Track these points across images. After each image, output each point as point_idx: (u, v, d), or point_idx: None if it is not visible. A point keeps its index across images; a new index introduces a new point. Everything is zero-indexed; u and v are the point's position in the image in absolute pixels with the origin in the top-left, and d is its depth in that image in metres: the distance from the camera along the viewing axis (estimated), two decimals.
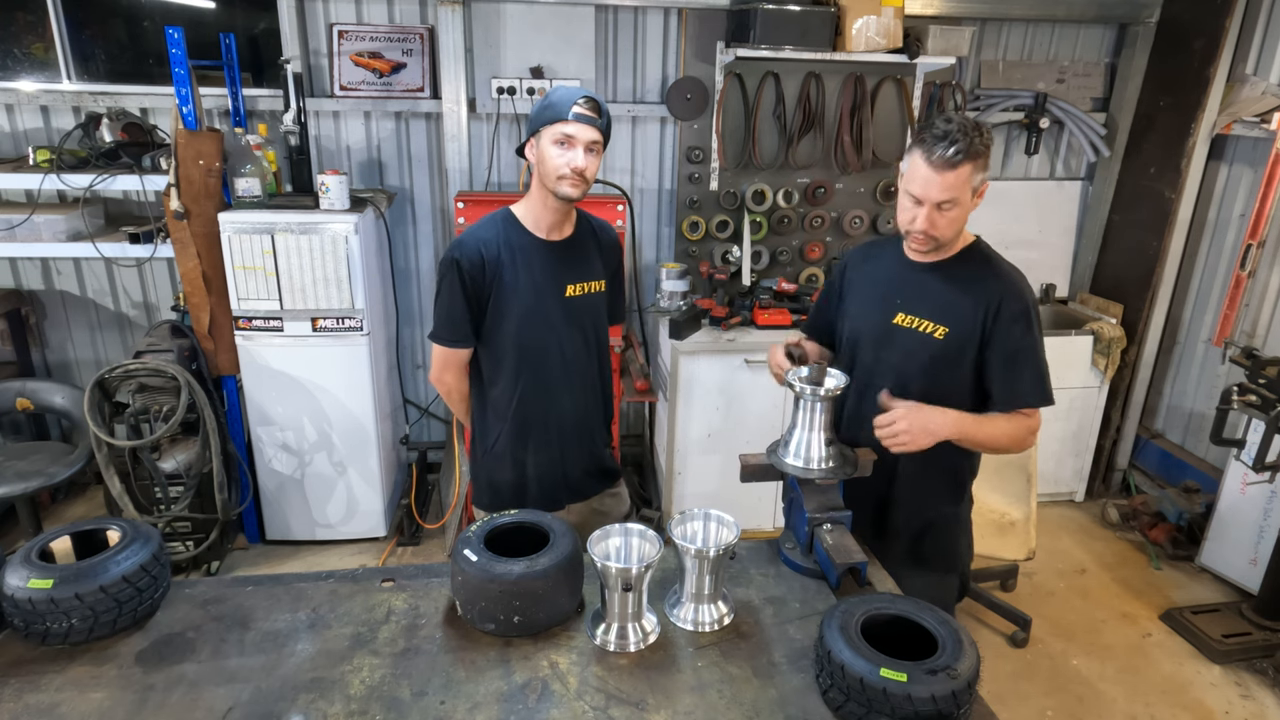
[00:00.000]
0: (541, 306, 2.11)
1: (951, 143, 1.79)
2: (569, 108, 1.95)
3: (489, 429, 2.24)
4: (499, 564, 1.63)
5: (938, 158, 1.80)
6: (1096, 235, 4.46)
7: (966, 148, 1.79)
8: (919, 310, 2.00)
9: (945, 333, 1.97)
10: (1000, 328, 1.93)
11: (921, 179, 1.84)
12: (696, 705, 1.50)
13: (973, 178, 1.84)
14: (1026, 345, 1.94)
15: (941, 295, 1.99)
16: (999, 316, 1.93)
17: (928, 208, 1.86)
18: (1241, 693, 3.10)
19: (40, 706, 1.46)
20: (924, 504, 2.13)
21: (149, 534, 1.73)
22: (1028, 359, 1.94)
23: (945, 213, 1.86)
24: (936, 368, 1.99)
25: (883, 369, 2.05)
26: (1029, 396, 1.96)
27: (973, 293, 1.95)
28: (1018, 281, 1.98)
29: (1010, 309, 1.93)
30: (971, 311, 1.95)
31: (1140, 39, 4.11)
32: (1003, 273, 1.98)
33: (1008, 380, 1.95)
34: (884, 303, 2.06)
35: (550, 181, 2.01)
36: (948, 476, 2.13)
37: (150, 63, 3.87)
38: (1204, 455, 4.19)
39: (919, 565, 2.15)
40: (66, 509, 4.07)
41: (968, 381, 2.00)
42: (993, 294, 1.93)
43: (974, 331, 1.95)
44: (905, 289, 2.04)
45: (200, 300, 3.45)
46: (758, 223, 3.96)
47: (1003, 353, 1.94)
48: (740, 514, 1.82)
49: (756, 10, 3.46)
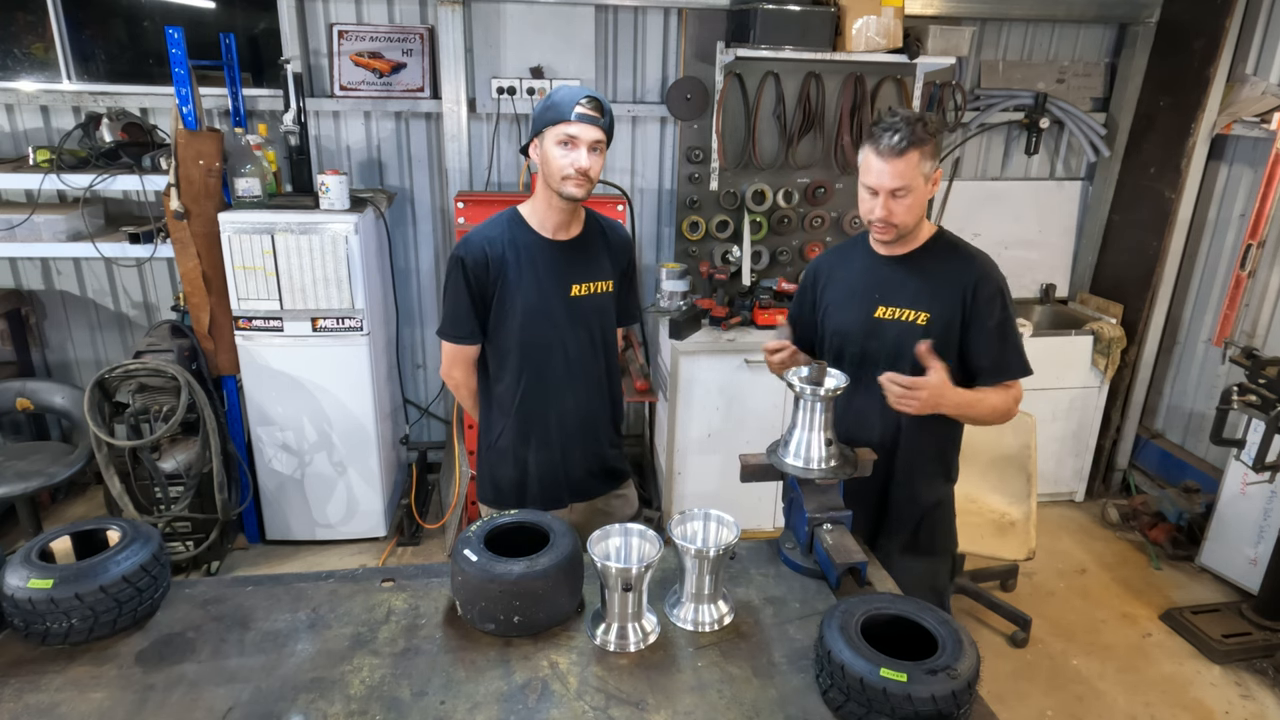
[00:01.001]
0: (545, 305, 2.12)
1: (895, 132, 1.92)
2: (572, 108, 1.96)
3: (493, 425, 2.26)
4: (499, 564, 1.63)
5: (884, 147, 1.93)
6: (1096, 235, 4.46)
7: (910, 135, 1.91)
8: (898, 301, 2.09)
9: (927, 318, 2.05)
10: (979, 306, 2.04)
11: (874, 170, 1.97)
12: (696, 705, 1.50)
13: (921, 164, 1.95)
14: (1005, 320, 2.06)
15: (917, 283, 2.08)
16: (976, 296, 2.04)
17: (883, 196, 1.98)
18: (1241, 693, 3.10)
19: (40, 706, 1.46)
20: (921, 487, 2.20)
21: (149, 534, 1.73)
22: (1008, 333, 2.06)
23: (900, 199, 1.97)
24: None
25: (872, 362, 2.11)
26: (1015, 368, 2.08)
27: (947, 277, 2.06)
28: (987, 263, 2.09)
29: (986, 288, 2.04)
30: (950, 294, 2.05)
31: (1140, 39, 4.11)
32: (972, 256, 2.10)
33: (994, 355, 2.06)
34: (863, 299, 2.14)
35: (555, 182, 2.03)
36: (940, 458, 2.22)
37: (150, 63, 3.87)
38: (1204, 455, 4.18)
39: (917, 551, 2.22)
40: (66, 509, 4.07)
41: (954, 361, 2.07)
42: (967, 276, 2.05)
43: (955, 313, 2.05)
44: (881, 283, 2.13)
45: (200, 300, 3.45)
46: (758, 223, 3.96)
47: (985, 329, 2.05)
48: (740, 514, 1.82)
49: (756, 10, 3.46)
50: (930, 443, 2.15)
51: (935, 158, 1.99)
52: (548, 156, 2.01)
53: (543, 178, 2.07)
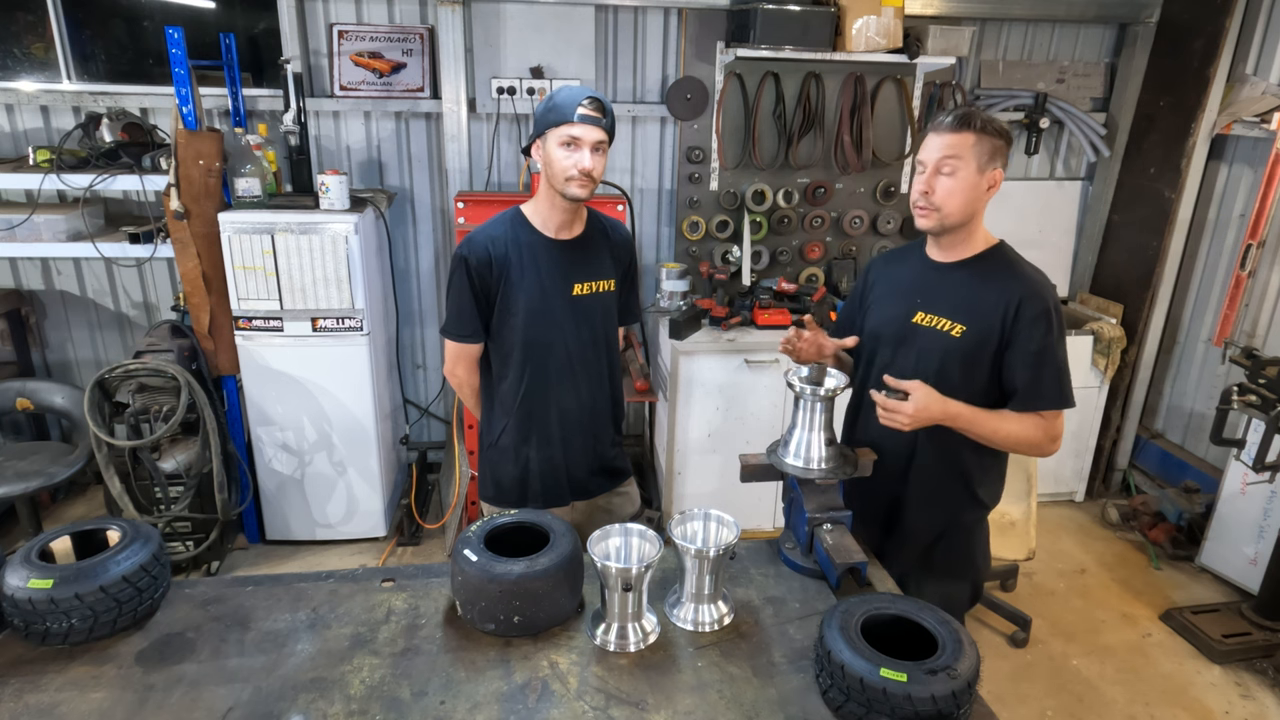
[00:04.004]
0: (547, 304, 2.13)
1: (955, 113, 1.91)
2: (574, 109, 1.97)
3: (495, 423, 2.26)
4: (499, 564, 1.63)
5: (941, 124, 1.92)
6: (1096, 235, 4.46)
7: (967, 115, 1.88)
8: (938, 309, 2.01)
9: (963, 330, 1.97)
10: (1020, 328, 1.92)
11: (927, 145, 1.94)
12: (696, 705, 1.50)
13: (976, 147, 1.87)
14: (1047, 346, 1.93)
15: (961, 293, 1.99)
16: (1019, 316, 1.92)
17: (929, 171, 1.92)
18: (1241, 693, 3.10)
19: (40, 706, 1.46)
20: (937, 508, 2.11)
21: (149, 534, 1.73)
22: (1048, 360, 1.93)
23: (945, 176, 1.90)
24: (953, 365, 1.98)
25: (899, 366, 2.05)
26: (1048, 397, 1.94)
27: (993, 292, 1.96)
28: (1039, 282, 1.97)
29: (1031, 309, 1.92)
30: (991, 310, 1.95)
31: (1140, 39, 4.11)
32: (1024, 273, 1.98)
33: (1027, 380, 1.94)
34: (905, 301, 2.08)
35: (558, 183, 2.03)
36: (960, 481, 2.10)
37: (150, 63, 3.87)
38: (1204, 455, 4.18)
39: (929, 570, 2.15)
40: (66, 509, 4.07)
41: (983, 380, 1.99)
42: (1013, 294, 1.93)
43: (993, 330, 1.95)
44: (926, 288, 2.05)
45: (200, 300, 3.45)
46: (758, 223, 3.96)
47: (1023, 353, 1.93)
48: (740, 514, 1.82)
49: (756, 10, 3.46)
50: (952, 459, 2.05)
51: (996, 156, 1.90)
52: (551, 158, 2.02)
53: (546, 178, 2.07)
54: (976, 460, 2.07)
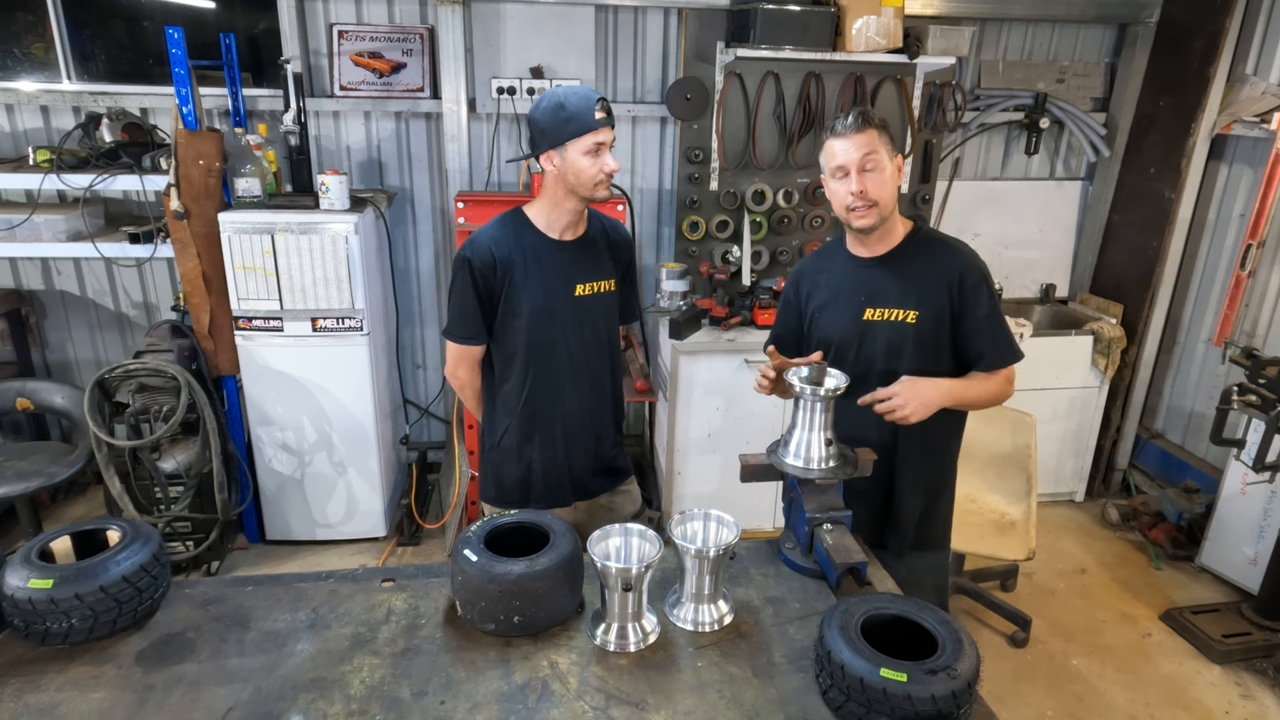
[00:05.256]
0: (551, 305, 2.14)
1: (846, 117, 2.00)
2: (592, 116, 2.00)
3: (497, 424, 2.27)
4: (499, 564, 1.63)
5: (840, 128, 2.00)
6: (1096, 235, 4.46)
7: (864, 112, 1.99)
8: (886, 301, 2.09)
9: (917, 315, 2.06)
10: (966, 297, 2.05)
11: (838, 151, 2.01)
12: (696, 705, 1.50)
13: (883, 139, 2.00)
14: (993, 309, 2.07)
15: (902, 281, 2.08)
16: (963, 287, 2.05)
17: (854, 173, 2.00)
18: (1241, 693, 3.10)
19: (40, 706, 1.46)
20: (926, 481, 2.20)
21: (149, 534, 1.73)
22: (998, 320, 2.07)
23: (871, 173, 1.99)
24: (919, 350, 2.07)
25: (866, 363, 2.11)
26: (1009, 355, 2.09)
27: (932, 271, 2.06)
28: (968, 252, 2.11)
29: (971, 279, 2.05)
30: (937, 289, 2.05)
31: (1140, 39, 4.11)
32: (953, 247, 2.11)
33: (989, 344, 2.07)
34: (849, 303, 2.14)
35: (587, 189, 2.06)
36: (944, 450, 2.23)
37: (150, 63, 3.87)
38: (1204, 455, 4.18)
39: (923, 545, 2.24)
40: (66, 509, 4.07)
41: (947, 355, 2.09)
42: (952, 269, 2.06)
43: (944, 307, 2.05)
44: (865, 285, 2.13)
45: (200, 300, 3.45)
46: (758, 223, 3.96)
47: (975, 320, 2.06)
48: (740, 514, 1.82)
49: (756, 10, 3.46)
50: (931, 437, 2.14)
51: (894, 147, 2.02)
52: (576, 167, 2.03)
53: (566, 185, 2.07)
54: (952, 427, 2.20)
